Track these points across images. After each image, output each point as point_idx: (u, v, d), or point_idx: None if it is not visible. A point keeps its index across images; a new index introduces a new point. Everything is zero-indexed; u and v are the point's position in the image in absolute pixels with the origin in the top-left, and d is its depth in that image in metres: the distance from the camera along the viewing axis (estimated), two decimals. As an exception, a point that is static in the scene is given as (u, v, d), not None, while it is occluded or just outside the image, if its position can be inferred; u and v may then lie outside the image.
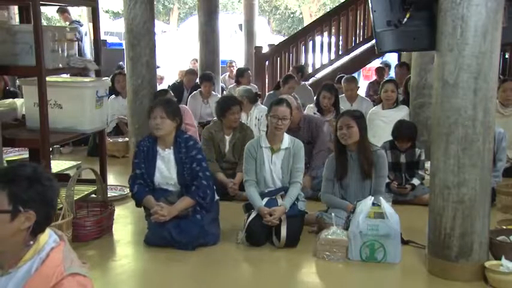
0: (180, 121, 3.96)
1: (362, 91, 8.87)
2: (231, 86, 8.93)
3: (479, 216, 3.24)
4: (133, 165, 3.96)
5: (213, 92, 7.85)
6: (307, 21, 22.15)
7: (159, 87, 7.90)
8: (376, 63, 11.58)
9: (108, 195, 4.67)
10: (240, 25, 14.23)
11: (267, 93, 9.55)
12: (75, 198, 4.07)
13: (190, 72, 9.11)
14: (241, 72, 8.65)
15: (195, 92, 7.80)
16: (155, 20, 6.87)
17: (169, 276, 3.48)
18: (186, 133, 4.11)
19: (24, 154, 5.39)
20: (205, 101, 7.61)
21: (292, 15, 28.20)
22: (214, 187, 4.04)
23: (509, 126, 5.38)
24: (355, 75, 10.30)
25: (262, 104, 6.86)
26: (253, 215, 3.91)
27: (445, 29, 3.16)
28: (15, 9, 8.08)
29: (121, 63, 10.38)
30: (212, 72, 8.53)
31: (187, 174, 3.86)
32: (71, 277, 1.78)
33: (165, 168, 3.90)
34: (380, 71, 10.02)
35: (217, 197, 4.11)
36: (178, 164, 3.87)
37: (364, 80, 14.41)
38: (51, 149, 5.27)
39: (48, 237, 1.85)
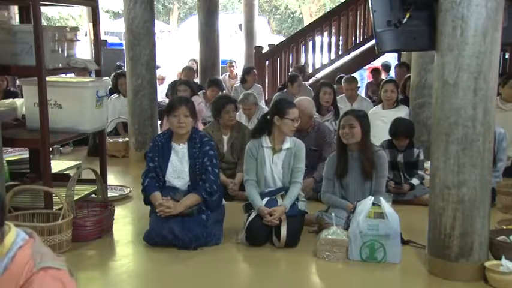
0: (196, 119, 4.08)
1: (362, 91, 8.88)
2: (237, 85, 8.87)
3: (479, 216, 3.24)
4: (147, 159, 4.05)
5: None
6: (307, 21, 22.13)
7: (160, 88, 7.90)
8: (377, 63, 11.56)
9: (108, 195, 4.68)
10: (240, 25, 14.23)
11: (267, 93, 9.58)
12: (75, 198, 4.07)
13: (189, 68, 9.09)
14: (247, 71, 8.58)
15: (198, 93, 7.78)
16: (155, 20, 6.88)
17: (169, 276, 3.48)
18: (200, 130, 4.28)
19: (24, 154, 5.38)
20: (207, 104, 7.59)
21: (292, 15, 28.19)
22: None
23: (509, 121, 5.39)
24: (360, 74, 10.31)
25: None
26: (253, 215, 3.92)
27: (445, 29, 3.16)
28: (15, 9, 8.08)
29: (118, 63, 10.38)
30: (212, 72, 8.52)
31: (199, 168, 3.93)
32: (43, 272, 1.73)
33: (178, 162, 3.96)
34: (375, 73, 10.03)
35: (224, 202, 4.20)
36: (192, 158, 3.95)
37: (369, 79, 14.35)
38: (51, 149, 5.27)
39: (16, 236, 1.82)
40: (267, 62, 9.97)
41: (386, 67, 11.04)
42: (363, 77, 11.90)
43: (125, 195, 5.13)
